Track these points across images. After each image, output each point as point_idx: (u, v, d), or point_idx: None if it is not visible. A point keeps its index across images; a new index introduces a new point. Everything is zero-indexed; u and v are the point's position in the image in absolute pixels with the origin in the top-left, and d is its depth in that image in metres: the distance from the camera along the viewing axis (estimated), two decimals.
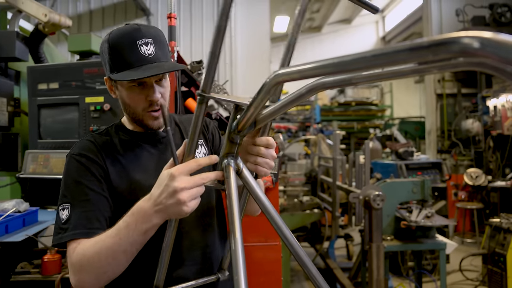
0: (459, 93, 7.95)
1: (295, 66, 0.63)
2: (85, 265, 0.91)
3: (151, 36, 1.05)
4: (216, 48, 0.71)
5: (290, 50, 0.82)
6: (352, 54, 0.53)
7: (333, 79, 0.64)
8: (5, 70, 2.89)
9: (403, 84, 14.28)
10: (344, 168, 4.00)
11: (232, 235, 0.71)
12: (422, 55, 0.46)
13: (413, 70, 0.59)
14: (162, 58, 1.06)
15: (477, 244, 5.64)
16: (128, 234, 0.86)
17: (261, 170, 0.94)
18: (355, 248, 5.24)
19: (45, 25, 2.91)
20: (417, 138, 10.46)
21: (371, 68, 0.56)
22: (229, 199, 0.76)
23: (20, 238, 2.11)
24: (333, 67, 0.55)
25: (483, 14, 7.64)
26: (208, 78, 0.75)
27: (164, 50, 1.08)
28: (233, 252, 0.70)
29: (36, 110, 2.68)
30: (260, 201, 0.80)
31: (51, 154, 2.59)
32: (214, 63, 0.72)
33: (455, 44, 0.40)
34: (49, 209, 2.73)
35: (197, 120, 0.80)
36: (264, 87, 0.67)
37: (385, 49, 0.50)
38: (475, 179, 5.80)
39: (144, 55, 1.02)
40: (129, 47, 1.02)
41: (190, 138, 0.83)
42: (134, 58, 1.02)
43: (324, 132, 7.27)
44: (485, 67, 0.47)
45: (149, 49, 1.03)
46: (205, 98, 0.77)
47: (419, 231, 3.15)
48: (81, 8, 7.95)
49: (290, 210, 3.91)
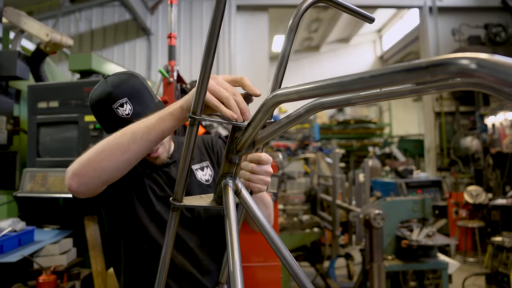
0: (457, 111, 8.01)
1: (294, 86, 0.63)
2: (83, 160, 0.94)
3: (124, 94, 1.08)
4: (207, 68, 0.69)
5: (282, 67, 0.82)
6: (350, 75, 0.54)
7: (332, 99, 0.64)
8: (6, 88, 2.91)
9: (401, 103, 14.37)
10: (344, 187, 3.98)
11: (231, 256, 0.70)
12: (420, 75, 0.47)
13: (411, 90, 0.60)
14: (142, 112, 1.07)
15: (480, 263, 5.56)
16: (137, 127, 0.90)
17: (254, 187, 0.93)
18: (356, 268, 5.16)
19: (46, 45, 2.95)
20: (416, 156, 10.46)
21: (369, 89, 0.56)
22: (228, 219, 0.75)
23: (15, 258, 2.08)
24: (331, 87, 0.55)
25: (479, 33, 7.78)
26: (198, 99, 0.72)
27: (142, 100, 1.11)
28: (231, 273, 0.69)
29: (36, 128, 2.68)
30: (259, 221, 0.79)
31: (49, 173, 2.58)
32: (204, 84, 0.70)
33: (453, 65, 0.40)
34: (46, 228, 2.70)
35: (188, 143, 0.78)
36: (263, 107, 0.67)
37: (383, 69, 0.50)
38: (476, 197, 5.77)
39: (122, 117, 1.07)
40: (107, 113, 1.08)
41: (182, 161, 0.81)
42: (114, 123, 1.07)
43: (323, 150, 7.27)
44: (482, 88, 0.48)
45: (125, 110, 1.07)
46: (196, 120, 0.74)
47: (420, 250, 3.11)
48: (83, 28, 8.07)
49: (290, 229, 3.87)
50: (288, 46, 0.82)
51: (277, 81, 0.83)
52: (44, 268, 2.19)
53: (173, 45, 2.13)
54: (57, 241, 2.43)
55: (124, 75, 1.12)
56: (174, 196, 0.86)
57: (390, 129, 13.11)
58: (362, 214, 2.85)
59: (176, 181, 0.84)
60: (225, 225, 0.75)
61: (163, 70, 2.08)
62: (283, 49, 0.83)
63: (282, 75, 0.83)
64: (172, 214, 0.88)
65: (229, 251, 0.71)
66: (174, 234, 0.90)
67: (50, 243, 2.38)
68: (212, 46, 0.66)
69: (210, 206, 0.87)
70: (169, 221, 0.89)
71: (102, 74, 3.17)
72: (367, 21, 0.87)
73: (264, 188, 0.96)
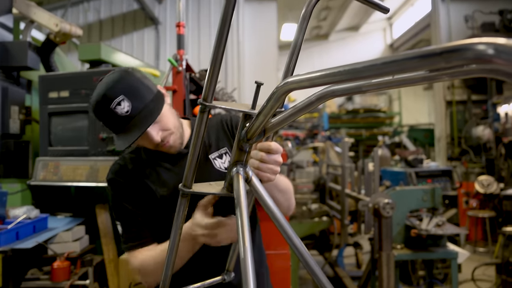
0: (469, 99, 7.88)
1: (305, 74, 0.63)
2: (146, 270, 1.15)
3: (120, 92, 1.07)
4: (218, 55, 0.68)
5: (294, 56, 0.82)
6: (363, 62, 0.53)
7: (343, 87, 0.63)
8: (17, 79, 2.94)
9: (411, 91, 14.19)
10: (353, 176, 3.97)
11: (242, 243, 0.71)
12: (434, 62, 0.46)
13: (423, 77, 0.59)
14: (140, 105, 1.08)
15: (490, 253, 5.53)
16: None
17: (262, 176, 0.93)
18: (364, 257, 5.18)
19: (56, 35, 2.96)
20: (426, 145, 10.36)
21: (381, 76, 0.55)
22: (239, 207, 0.75)
23: (30, 244, 2.12)
24: (343, 74, 0.55)
25: (493, 20, 7.59)
26: (210, 86, 0.72)
27: (139, 93, 1.10)
28: (242, 261, 0.69)
29: (47, 118, 2.71)
30: (269, 210, 0.79)
31: (61, 162, 2.62)
32: (216, 70, 0.69)
33: (469, 50, 0.39)
34: (59, 216, 2.75)
35: (198, 130, 0.78)
36: (274, 95, 0.67)
37: (396, 56, 0.50)
38: (487, 187, 5.71)
39: (122, 116, 1.07)
40: (107, 115, 1.09)
41: (192, 148, 0.81)
42: (116, 123, 1.09)
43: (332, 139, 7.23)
44: (498, 74, 0.47)
45: (124, 107, 1.07)
46: (207, 107, 0.74)
47: (429, 240, 3.10)
48: (91, 18, 8.08)
49: (299, 218, 3.88)
50: (300, 35, 0.82)
51: (289, 70, 0.83)
52: (58, 254, 2.24)
53: (181, 34, 2.13)
54: (70, 228, 2.48)
55: (116, 74, 1.11)
56: (183, 182, 0.87)
57: (400, 118, 12.98)
58: (371, 203, 2.85)
59: (186, 167, 0.85)
60: (235, 213, 0.76)
61: (172, 59, 2.08)
62: (295, 37, 0.82)
63: (294, 63, 0.82)
64: (182, 201, 0.89)
65: (240, 238, 0.72)
66: (183, 221, 0.91)
67: (63, 230, 2.43)
68: (224, 33, 0.66)
69: (221, 193, 0.87)
70: (177, 207, 0.89)
71: (112, 63, 3.18)
72: (381, 11, 0.85)
73: (273, 178, 0.96)
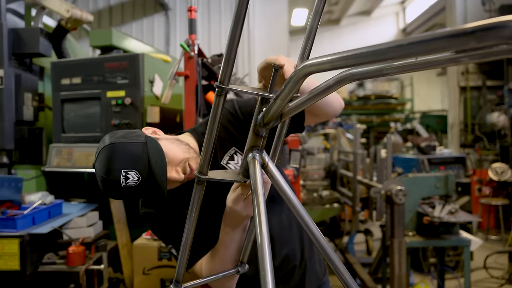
0: (484, 85, 7.69)
1: (324, 56, 0.61)
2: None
3: (119, 169, 0.96)
4: (235, 37, 0.66)
5: (310, 40, 0.79)
6: (387, 42, 0.51)
7: (363, 70, 0.61)
8: (30, 66, 2.95)
9: (424, 77, 13.93)
10: (365, 162, 3.94)
11: (259, 229, 0.70)
12: (465, 42, 0.44)
13: (449, 59, 0.56)
14: (144, 163, 0.98)
15: (502, 241, 5.48)
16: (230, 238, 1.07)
17: None
18: (375, 243, 5.18)
19: (67, 21, 2.96)
20: (439, 132, 10.21)
21: (406, 57, 0.53)
22: (255, 193, 0.74)
23: (46, 230, 2.17)
24: (366, 56, 0.53)
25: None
26: (226, 69, 0.70)
27: (135, 156, 0.98)
28: (259, 246, 0.69)
29: (60, 105, 2.73)
30: (286, 195, 0.78)
31: (74, 148, 2.64)
32: (233, 53, 0.68)
33: (506, 28, 0.37)
34: (73, 201, 2.79)
35: (215, 114, 0.77)
36: (292, 78, 0.65)
37: (423, 36, 0.47)
38: (501, 175, 5.63)
39: (138, 185, 0.97)
40: (126, 193, 0.98)
41: (208, 133, 0.79)
42: (138, 192, 0.99)
43: (343, 126, 7.17)
44: None
45: (133, 178, 0.96)
46: (224, 90, 0.73)
47: (442, 227, 3.08)
48: (101, 4, 8.06)
49: (310, 205, 3.89)
50: (316, 19, 0.79)
51: (304, 54, 0.80)
52: (72, 239, 2.28)
53: (193, 18, 2.10)
54: (84, 214, 2.52)
55: (103, 153, 0.99)
56: (199, 169, 0.86)
57: (412, 105, 12.77)
58: (383, 190, 2.83)
59: (201, 153, 0.84)
60: (252, 199, 0.75)
61: (184, 44, 2.06)
62: (311, 21, 0.79)
63: (310, 47, 0.80)
64: (197, 188, 0.88)
65: (256, 224, 0.71)
66: (199, 209, 0.90)
67: (78, 215, 2.47)
68: (241, 15, 0.64)
69: (236, 180, 0.87)
70: (193, 195, 0.88)
71: (123, 49, 3.17)
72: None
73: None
